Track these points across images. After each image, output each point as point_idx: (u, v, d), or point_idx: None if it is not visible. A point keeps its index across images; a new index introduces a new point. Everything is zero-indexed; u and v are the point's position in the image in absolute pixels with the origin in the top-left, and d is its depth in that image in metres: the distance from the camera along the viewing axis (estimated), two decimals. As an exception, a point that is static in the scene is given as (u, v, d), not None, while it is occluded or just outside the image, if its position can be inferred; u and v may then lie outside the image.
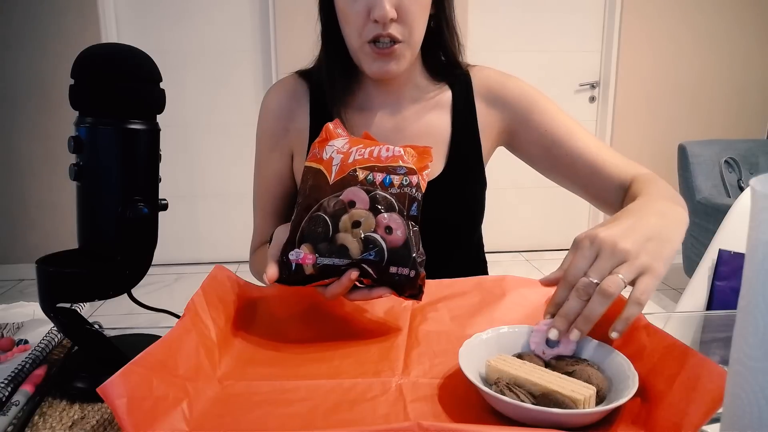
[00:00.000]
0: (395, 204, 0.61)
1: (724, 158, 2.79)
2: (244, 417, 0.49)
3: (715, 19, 3.49)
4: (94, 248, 0.58)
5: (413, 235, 0.62)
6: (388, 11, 0.75)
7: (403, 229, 0.61)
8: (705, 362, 0.44)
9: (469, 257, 0.98)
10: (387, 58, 0.80)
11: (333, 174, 0.64)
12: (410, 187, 0.63)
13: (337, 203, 0.62)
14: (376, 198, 0.61)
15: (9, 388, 0.55)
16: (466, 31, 3.32)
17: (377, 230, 0.60)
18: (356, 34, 0.79)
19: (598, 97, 3.61)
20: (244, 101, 3.36)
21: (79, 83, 0.54)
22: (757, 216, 0.30)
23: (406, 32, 0.78)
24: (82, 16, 3.10)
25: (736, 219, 1.19)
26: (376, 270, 0.60)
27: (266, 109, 0.93)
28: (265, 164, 0.94)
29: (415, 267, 0.61)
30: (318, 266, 0.61)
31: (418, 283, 0.62)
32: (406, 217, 0.62)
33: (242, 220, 3.44)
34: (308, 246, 0.61)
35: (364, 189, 0.62)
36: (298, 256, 0.61)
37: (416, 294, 0.63)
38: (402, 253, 0.60)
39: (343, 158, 0.65)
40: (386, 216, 0.61)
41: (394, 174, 0.63)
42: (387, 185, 0.62)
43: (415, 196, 0.63)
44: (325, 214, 0.61)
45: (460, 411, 0.49)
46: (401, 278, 0.61)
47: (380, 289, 0.62)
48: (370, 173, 0.63)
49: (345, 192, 0.62)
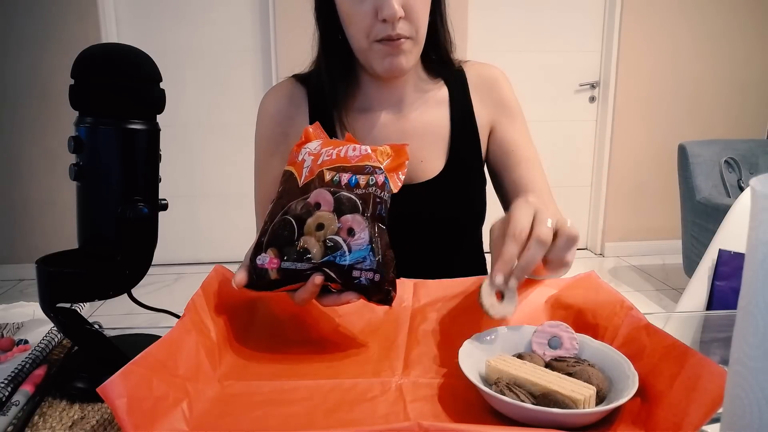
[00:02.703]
0: (359, 205, 0.59)
1: (724, 158, 2.79)
2: (244, 417, 0.49)
3: (715, 19, 3.49)
4: (94, 248, 0.58)
5: (378, 237, 0.59)
6: (396, 10, 0.75)
7: (366, 231, 0.58)
8: (705, 362, 0.44)
9: (471, 254, 0.98)
10: (397, 53, 0.80)
11: (303, 176, 0.63)
12: (376, 187, 0.60)
13: (304, 206, 0.60)
14: (340, 199, 0.59)
15: (9, 388, 0.55)
16: (466, 31, 3.32)
17: (340, 233, 0.58)
18: (363, 34, 0.79)
19: (598, 97, 3.60)
20: (244, 101, 3.36)
21: (79, 83, 0.54)
22: (757, 216, 0.30)
23: (413, 29, 0.79)
24: (82, 16, 3.10)
25: (736, 219, 1.20)
26: (338, 274, 0.58)
27: (265, 114, 0.93)
28: (266, 169, 0.94)
29: (380, 270, 0.58)
30: (281, 270, 0.58)
31: (386, 287, 0.59)
32: (371, 218, 0.59)
33: (242, 220, 3.44)
34: (273, 250, 0.59)
35: (330, 190, 0.60)
36: (264, 261, 0.59)
37: (384, 299, 0.59)
38: (365, 256, 0.58)
39: (314, 160, 0.63)
40: (350, 218, 0.59)
41: (361, 174, 0.61)
42: (353, 186, 0.60)
43: (382, 196, 0.60)
44: (291, 217, 0.60)
45: (460, 411, 0.49)
46: (366, 282, 0.58)
47: (348, 294, 0.59)
48: (336, 174, 0.61)
49: (312, 194, 0.60)
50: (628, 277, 3.30)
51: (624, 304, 0.58)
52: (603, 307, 0.60)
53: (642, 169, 3.62)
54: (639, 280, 3.26)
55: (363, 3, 0.77)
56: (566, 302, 0.66)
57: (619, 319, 0.57)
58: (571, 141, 3.64)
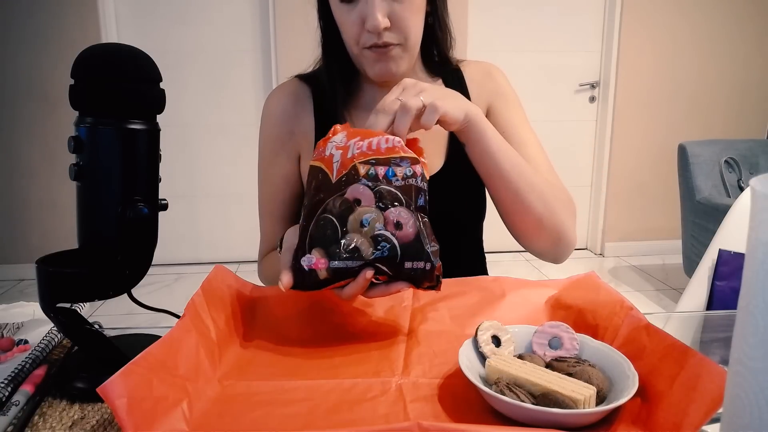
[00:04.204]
0: (401, 197, 0.60)
1: (724, 158, 2.79)
2: (244, 417, 0.49)
3: (715, 19, 3.49)
4: (94, 248, 0.58)
5: (424, 227, 0.60)
6: (380, 22, 0.75)
7: (413, 223, 0.59)
8: (705, 362, 0.44)
9: (471, 252, 0.98)
10: (385, 59, 0.81)
11: (335, 171, 0.62)
12: (414, 178, 0.61)
13: (343, 203, 0.60)
14: (381, 193, 0.59)
15: (9, 388, 0.55)
16: (466, 31, 3.32)
17: (387, 227, 0.59)
18: (353, 41, 0.81)
19: (598, 97, 3.61)
20: (244, 101, 3.36)
21: (79, 83, 0.54)
22: (757, 216, 0.30)
23: (401, 37, 0.80)
24: (82, 16, 3.10)
25: (736, 219, 1.20)
26: (390, 267, 0.59)
27: (270, 114, 0.93)
28: (271, 168, 0.94)
29: (430, 259, 0.59)
30: (331, 269, 0.59)
31: (435, 273, 0.60)
32: (414, 210, 0.60)
33: (242, 220, 3.44)
34: (319, 250, 0.60)
35: (368, 185, 0.60)
36: (311, 262, 0.59)
37: (434, 285, 0.61)
38: (415, 247, 0.59)
39: (343, 153, 0.62)
40: (394, 211, 0.59)
41: (397, 166, 0.61)
42: (390, 178, 0.60)
43: (421, 186, 0.61)
44: (331, 216, 0.60)
45: (460, 411, 0.49)
46: (417, 272, 0.59)
47: (398, 284, 0.61)
48: (371, 167, 0.61)
49: (349, 190, 0.60)
50: (628, 277, 3.30)
51: (624, 305, 0.58)
52: (603, 308, 0.60)
53: (642, 169, 3.62)
54: (639, 280, 3.26)
55: (351, 12, 0.78)
56: (566, 303, 0.66)
57: (619, 320, 0.57)
58: (571, 141, 3.64)
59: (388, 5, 0.76)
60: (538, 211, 0.77)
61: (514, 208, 0.78)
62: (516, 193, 0.76)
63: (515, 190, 0.76)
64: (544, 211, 0.77)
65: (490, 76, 0.95)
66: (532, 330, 0.57)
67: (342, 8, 0.79)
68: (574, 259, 3.65)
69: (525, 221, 0.79)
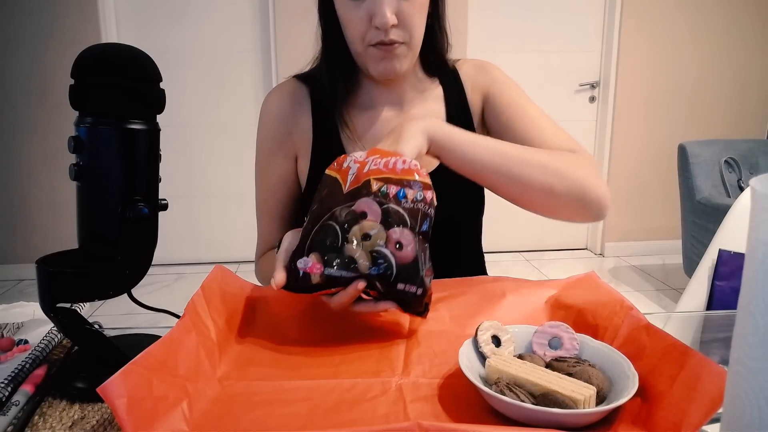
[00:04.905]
0: (407, 219, 0.60)
1: (724, 158, 2.79)
2: (244, 417, 0.49)
3: (714, 19, 3.49)
4: (94, 248, 0.58)
5: (423, 253, 0.60)
6: (389, 19, 0.76)
7: (413, 246, 0.59)
8: (705, 362, 0.44)
9: (470, 251, 0.98)
10: (390, 57, 0.81)
11: (348, 183, 0.63)
12: (424, 203, 0.61)
13: (349, 213, 0.60)
14: (388, 211, 0.60)
15: (9, 388, 0.55)
16: (466, 31, 3.32)
17: (387, 245, 0.59)
18: (359, 39, 0.80)
19: (598, 97, 3.60)
20: (244, 101, 3.36)
21: (79, 83, 0.54)
22: (757, 216, 0.30)
23: (407, 35, 0.80)
24: (82, 16, 3.10)
25: (736, 219, 1.20)
26: (383, 284, 0.60)
27: (268, 113, 0.93)
28: (269, 168, 0.94)
29: (423, 285, 0.60)
30: (325, 276, 0.60)
31: (425, 301, 0.61)
32: (418, 234, 0.60)
33: (242, 220, 3.44)
34: (316, 255, 0.60)
35: (377, 201, 0.60)
36: (306, 265, 0.60)
37: (421, 312, 0.62)
38: (410, 271, 0.59)
39: (359, 168, 0.63)
40: (398, 231, 0.59)
41: (409, 188, 0.61)
42: (401, 199, 0.60)
43: (428, 213, 0.61)
44: (336, 224, 0.60)
45: (460, 411, 0.49)
46: (408, 295, 0.60)
47: (385, 303, 0.62)
48: (384, 185, 0.61)
49: (357, 202, 0.61)
50: (628, 277, 3.30)
51: (624, 304, 0.58)
52: (603, 308, 0.60)
53: (642, 169, 3.62)
54: (639, 280, 3.26)
55: (358, 9, 0.78)
56: (566, 303, 0.67)
57: (619, 319, 0.57)
58: (571, 141, 3.63)
59: (396, 3, 0.77)
60: (546, 181, 0.73)
61: (518, 193, 0.75)
62: (510, 178, 0.73)
63: (507, 175, 0.73)
64: (552, 179, 0.73)
65: (484, 69, 0.96)
66: (532, 330, 0.57)
67: (349, 5, 0.79)
68: (574, 259, 3.65)
69: (536, 198, 0.75)
